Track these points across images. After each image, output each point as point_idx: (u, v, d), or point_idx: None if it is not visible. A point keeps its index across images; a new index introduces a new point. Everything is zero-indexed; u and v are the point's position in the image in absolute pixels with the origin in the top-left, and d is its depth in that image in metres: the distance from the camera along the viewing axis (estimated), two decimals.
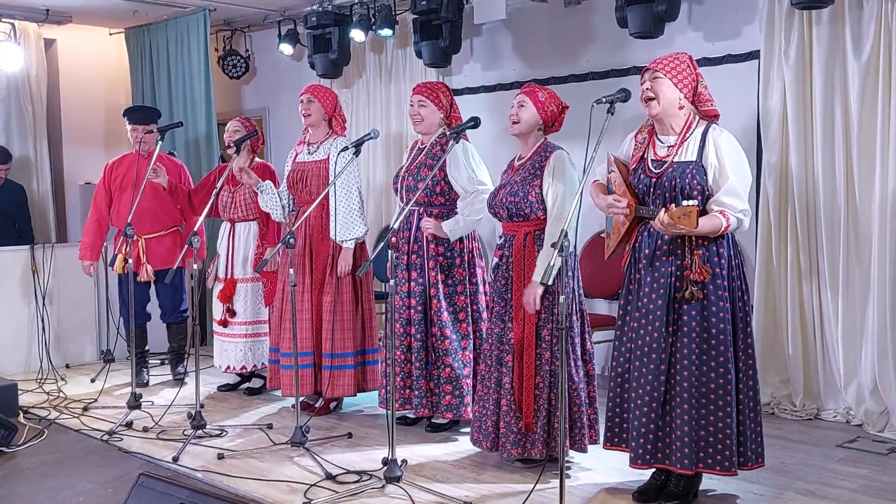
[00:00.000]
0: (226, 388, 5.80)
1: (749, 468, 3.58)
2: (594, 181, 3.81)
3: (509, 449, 4.00)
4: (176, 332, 6.06)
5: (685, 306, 3.48)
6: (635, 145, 3.70)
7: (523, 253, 4.00)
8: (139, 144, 5.79)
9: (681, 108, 3.53)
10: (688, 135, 3.53)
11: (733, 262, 3.53)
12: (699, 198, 3.43)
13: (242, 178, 5.18)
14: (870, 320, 4.65)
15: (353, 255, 4.94)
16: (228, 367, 5.60)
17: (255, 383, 5.73)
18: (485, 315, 4.57)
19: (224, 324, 5.55)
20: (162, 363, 6.40)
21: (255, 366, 5.59)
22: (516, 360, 3.98)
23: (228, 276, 5.54)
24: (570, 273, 3.94)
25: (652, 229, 3.55)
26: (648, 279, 3.56)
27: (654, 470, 3.71)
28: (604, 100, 3.50)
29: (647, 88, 3.52)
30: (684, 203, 3.32)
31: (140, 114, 5.90)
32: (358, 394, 5.06)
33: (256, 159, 5.61)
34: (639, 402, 3.56)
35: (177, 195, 5.75)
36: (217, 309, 5.61)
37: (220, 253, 5.63)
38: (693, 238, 3.46)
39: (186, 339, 6.11)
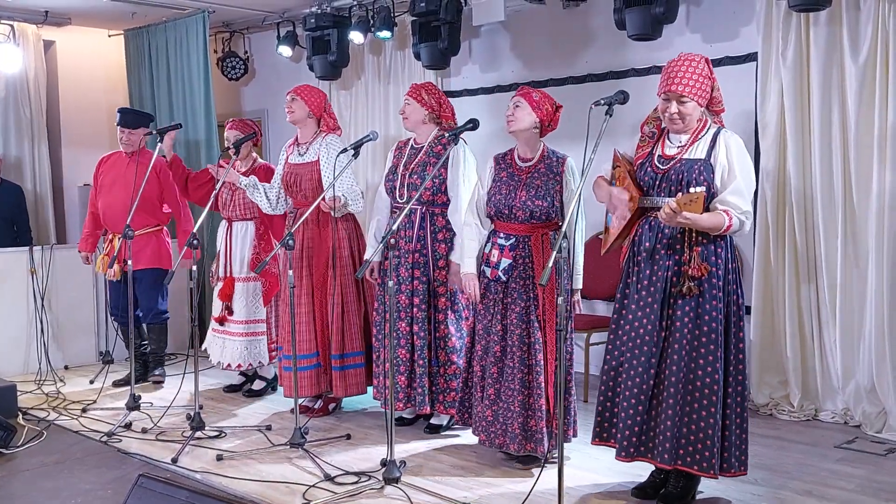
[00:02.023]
0: (230, 388, 5.80)
1: (732, 475, 3.56)
2: (598, 176, 3.83)
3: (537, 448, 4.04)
4: (153, 334, 6.03)
5: (679, 301, 3.49)
6: (641, 137, 3.71)
7: (542, 254, 4.04)
8: (124, 146, 5.83)
9: (699, 119, 3.57)
10: (700, 135, 3.55)
11: (730, 266, 3.53)
12: (705, 186, 3.43)
13: (219, 171, 5.15)
14: (867, 322, 4.66)
15: (348, 240, 5.00)
16: (227, 365, 5.60)
17: (257, 385, 5.72)
18: None
19: (222, 321, 5.56)
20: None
21: (249, 364, 5.59)
22: (544, 359, 4.01)
23: (227, 275, 5.54)
24: (566, 274, 3.96)
25: (653, 223, 3.56)
26: (647, 272, 3.57)
27: (652, 468, 3.72)
28: (602, 102, 3.52)
29: (675, 112, 3.49)
30: (691, 190, 3.33)
31: (129, 117, 5.90)
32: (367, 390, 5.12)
33: (259, 160, 5.61)
34: (627, 394, 3.58)
35: (175, 170, 5.70)
36: (216, 307, 5.62)
37: (218, 251, 5.63)
38: (693, 234, 3.47)
39: (165, 342, 6.11)
